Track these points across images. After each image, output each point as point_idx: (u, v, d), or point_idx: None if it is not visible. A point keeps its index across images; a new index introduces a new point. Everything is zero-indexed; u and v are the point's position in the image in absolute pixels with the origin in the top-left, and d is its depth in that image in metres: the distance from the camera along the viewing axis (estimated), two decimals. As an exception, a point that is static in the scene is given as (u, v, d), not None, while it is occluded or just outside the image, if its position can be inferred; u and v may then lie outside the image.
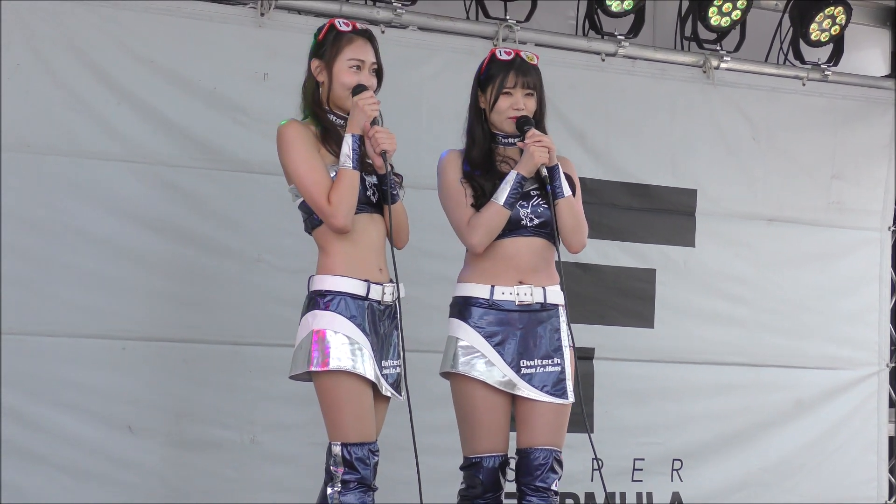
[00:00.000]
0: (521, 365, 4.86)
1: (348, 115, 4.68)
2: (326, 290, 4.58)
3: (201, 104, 6.23)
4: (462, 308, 4.90)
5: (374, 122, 4.61)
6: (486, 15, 6.85)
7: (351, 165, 4.56)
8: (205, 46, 6.24)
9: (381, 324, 4.65)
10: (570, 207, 4.91)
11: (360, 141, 4.58)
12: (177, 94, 6.18)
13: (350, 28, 4.71)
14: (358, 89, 4.62)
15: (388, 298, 4.66)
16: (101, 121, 6.04)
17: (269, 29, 6.34)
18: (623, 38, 7.15)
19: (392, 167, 4.69)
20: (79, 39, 6.01)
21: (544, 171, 4.84)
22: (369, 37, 4.73)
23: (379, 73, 4.75)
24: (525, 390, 4.85)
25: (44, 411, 5.88)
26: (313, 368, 4.52)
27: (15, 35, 5.86)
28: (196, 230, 6.21)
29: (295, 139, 4.61)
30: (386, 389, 4.64)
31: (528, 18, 6.90)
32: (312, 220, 4.66)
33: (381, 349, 4.64)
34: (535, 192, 4.91)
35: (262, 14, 6.31)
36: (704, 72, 7.36)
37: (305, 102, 4.74)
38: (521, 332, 4.87)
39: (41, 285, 5.90)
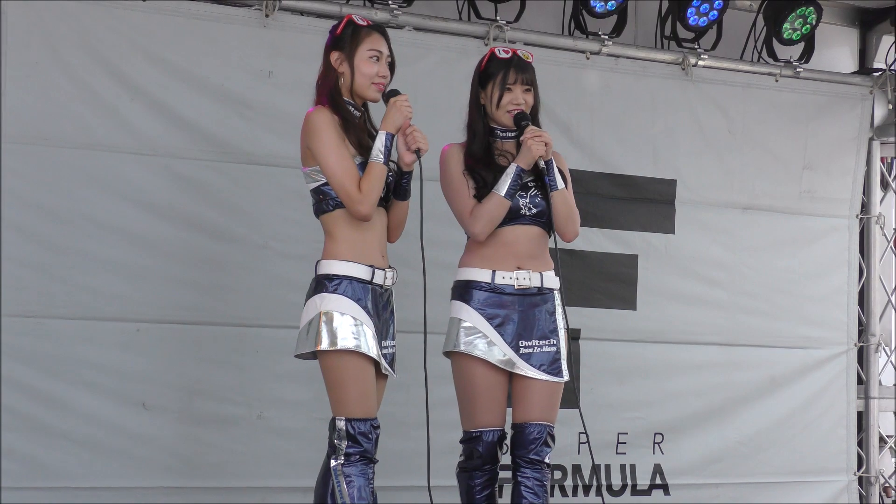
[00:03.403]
0: (520, 345, 4.96)
1: (365, 105, 4.81)
2: (334, 275, 4.66)
3: (209, 100, 6.31)
4: (464, 291, 5.01)
5: None
6: (478, 16, 6.92)
7: (382, 160, 4.66)
8: (213, 46, 6.31)
9: (381, 306, 4.76)
10: (564, 199, 5.00)
11: (393, 139, 4.70)
12: (186, 91, 6.27)
13: (366, 23, 4.83)
14: (394, 92, 4.75)
15: (388, 283, 4.77)
16: (115, 116, 6.12)
17: (273, 29, 6.42)
18: (606, 37, 7.22)
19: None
20: (94, 39, 6.09)
21: (542, 164, 4.95)
22: (383, 32, 4.85)
23: (392, 66, 4.84)
24: (523, 369, 4.96)
25: (63, 390, 5.98)
26: (322, 348, 4.60)
27: (34, 34, 5.96)
28: (205, 218, 6.30)
29: (326, 126, 4.65)
30: (385, 368, 4.73)
31: (517, 19, 6.97)
32: (325, 204, 4.71)
33: (382, 330, 4.74)
34: (533, 184, 5.02)
35: (267, 15, 6.39)
36: (683, 69, 7.45)
37: (323, 93, 4.77)
38: (520, 314, 4.97)
39: (61, 271, 5.99)
